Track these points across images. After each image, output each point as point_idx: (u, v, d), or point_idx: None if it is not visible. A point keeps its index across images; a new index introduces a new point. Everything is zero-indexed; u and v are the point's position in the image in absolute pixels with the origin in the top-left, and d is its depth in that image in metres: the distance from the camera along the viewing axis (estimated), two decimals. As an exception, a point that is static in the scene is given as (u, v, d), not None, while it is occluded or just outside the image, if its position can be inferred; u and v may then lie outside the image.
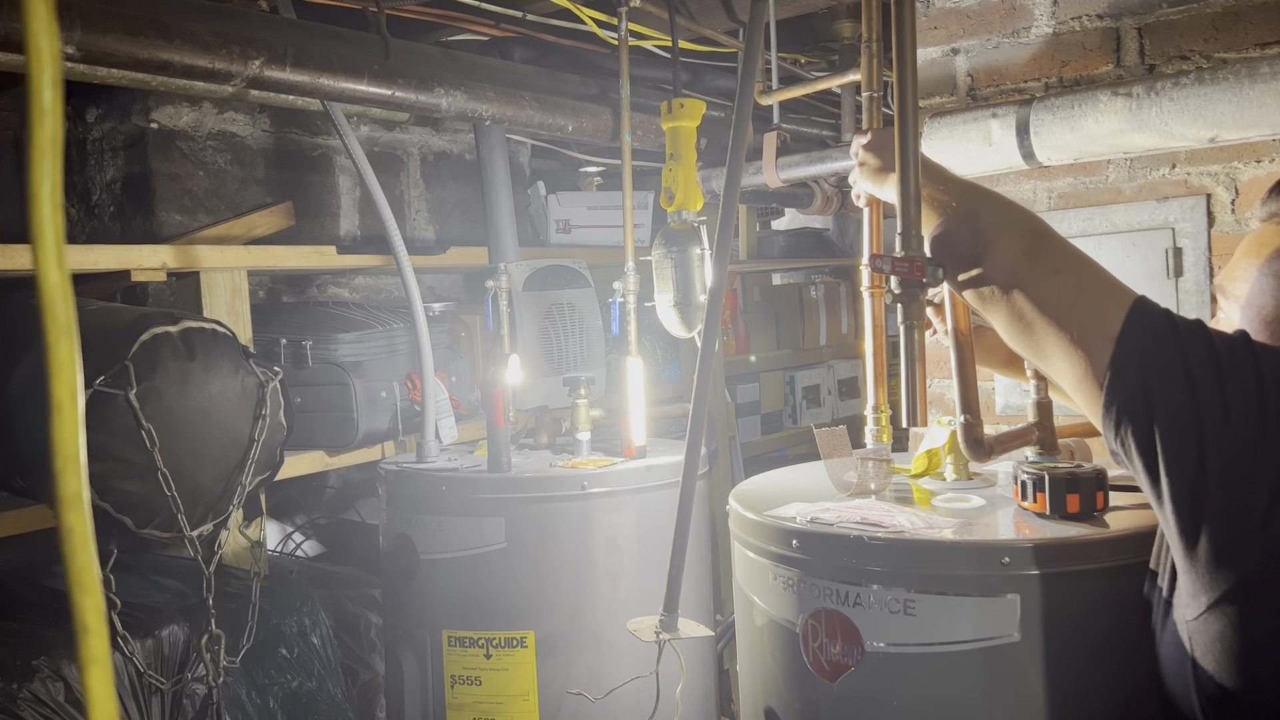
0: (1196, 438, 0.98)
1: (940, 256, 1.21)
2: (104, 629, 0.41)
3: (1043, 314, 1.09)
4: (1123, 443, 1.03)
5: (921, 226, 1.23)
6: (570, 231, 3.07)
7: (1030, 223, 1.18)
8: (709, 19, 2.54)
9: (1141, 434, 1.01)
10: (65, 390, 0.40)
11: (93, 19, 1.54)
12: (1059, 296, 1.10)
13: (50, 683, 1.55)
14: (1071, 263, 1.13)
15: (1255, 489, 0.97)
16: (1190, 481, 0.99)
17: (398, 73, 1.97)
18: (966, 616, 1.25)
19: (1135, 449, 1.02)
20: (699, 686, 2.20)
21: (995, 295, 1.14)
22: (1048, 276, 1.11)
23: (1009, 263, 1.14)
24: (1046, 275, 1.11)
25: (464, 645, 2.04)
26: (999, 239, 1.16)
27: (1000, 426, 1.85)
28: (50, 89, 0.39)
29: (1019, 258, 1.14)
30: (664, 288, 2.00)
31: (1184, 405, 0.99)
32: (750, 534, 1.48)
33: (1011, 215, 1.21)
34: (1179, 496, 0.99)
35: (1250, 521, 0.97)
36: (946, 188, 1.25)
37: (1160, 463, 1.00)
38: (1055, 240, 1.15)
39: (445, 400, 2.39)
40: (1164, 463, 1.00)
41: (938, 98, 2.09)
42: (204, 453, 1.66)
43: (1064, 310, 1.09)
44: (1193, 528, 0.99)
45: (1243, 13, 1.76)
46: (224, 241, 2.32)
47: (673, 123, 2.03)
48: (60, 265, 0.39)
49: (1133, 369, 1.02)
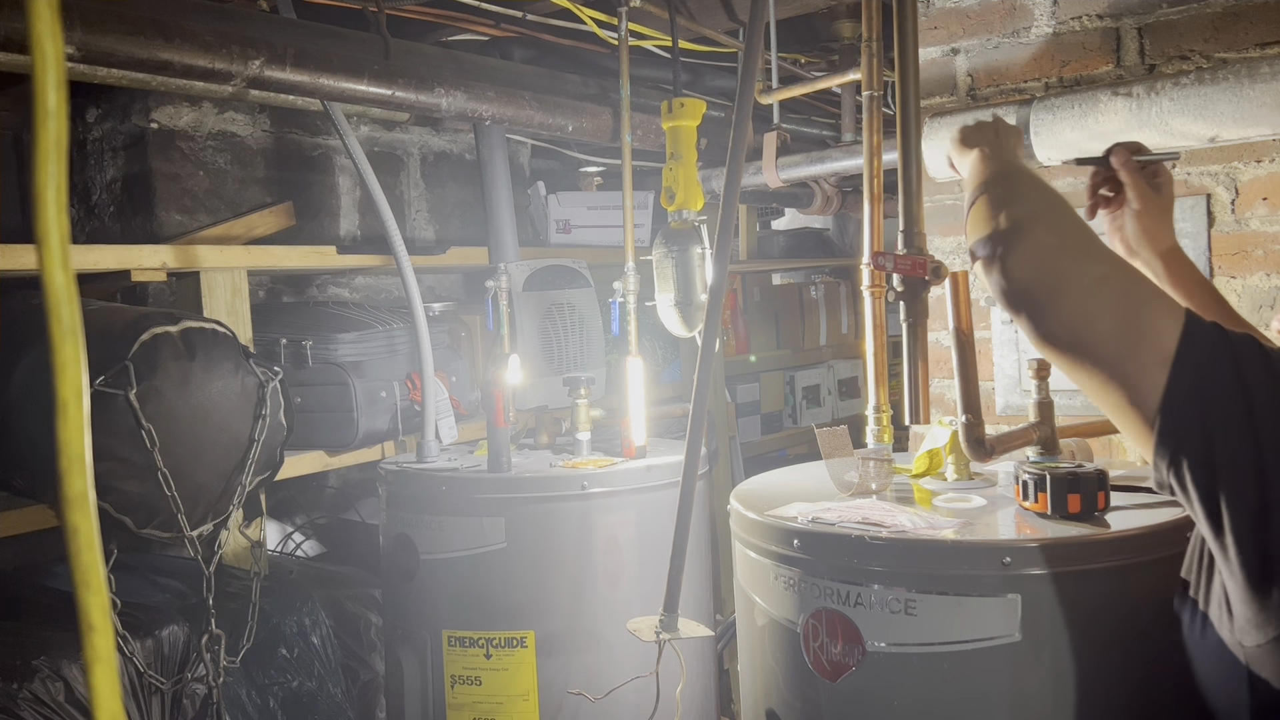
0: (1259, 475, 0.92)
1: (969, 237, 1.11)
2: (109, 628, 0.41)
3: (1083, 325, 0.99)
4: (1178, 478, 0.96)
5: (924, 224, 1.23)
6: (570, 231, 3.07)
7: (1067, 218, 1.07)
8: (709, 19, 2.54)
9: (1200, 471, 0.94)
10: (70, 391, 0.40)
11: (93, 19, 1.54)
12: (1104, 308, 0.98)
13: (50, 683, 1.55)
14: (1116, 269, 1.02)
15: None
16: (1254, 520, 0.92)
17: (398, 73, 1.97)
18: (967, 616, 1.26)
19: (1193, 486, 0.95)
20: (699, 686, 2.20)
21: (1022, 295, 1.03)
22: (1090, 284, 1.00)
23: (1042, 261, 1.03)
24: (1088, 282, 1.00)
25: (464, 645, 2.04)
26: (1031, 230, 1.05)
27: (1001, 426, 1.85)
28: (55, 91, 0.39)
29: (1054, 256, 1.03)
30: (665, 287, 2.00)
31: (1247, 441, 0.92)
32: (751, 534, 1.48)
33: (1048, 202, 1.09)
34: (1242, 536, 0.93)
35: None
36: (992, 150, 1.17)
37: (1222, 502, 0.94)
38: (1095, 242, 1.04)
39: (445, 400, 2.39)
40: (1225, 502, 0.93)
41: (938, 98, 2.09)
42: (204, 453, 1.66)
43: (1111, 325, 0.98)
44: (1259, 566, 0.93)
45: (1243, 13, 1.76)
46: (224, 241, 2.32)
47: (673, 122, 2.03)
48: (65, 267, 0.39)
49: (1190, 399, 0.94)
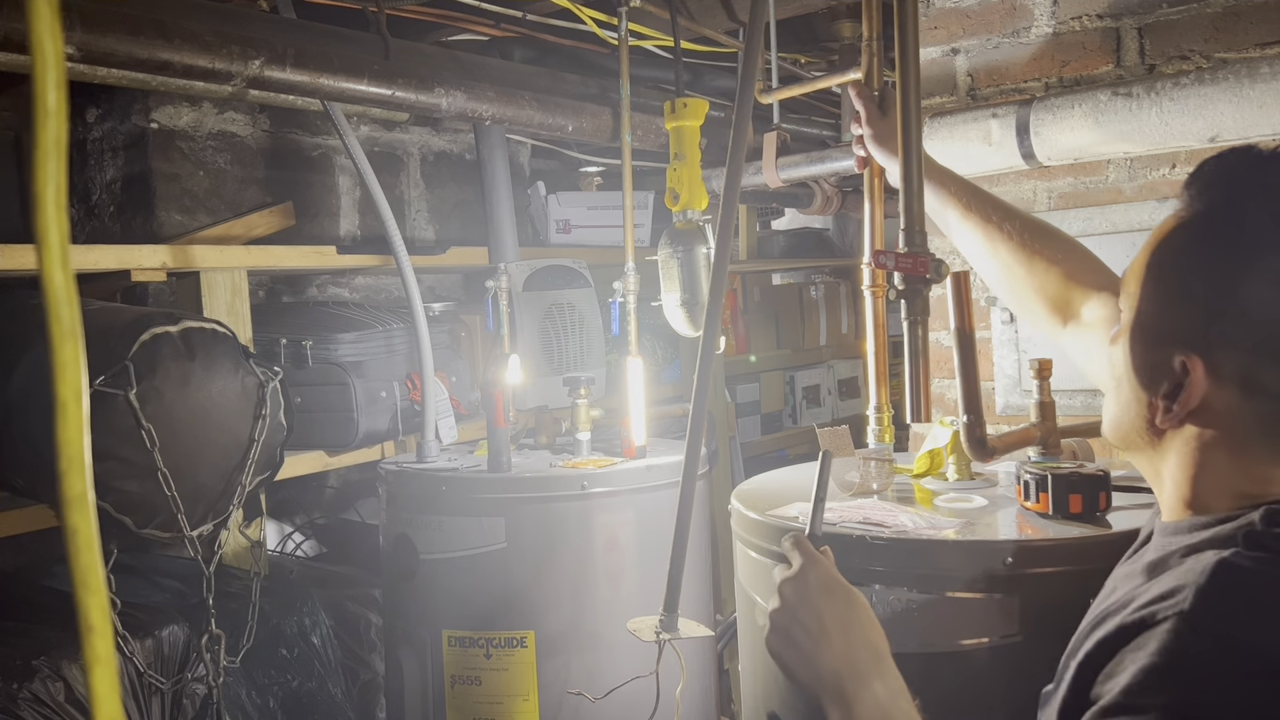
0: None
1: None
2: (109, 629, 0.41)
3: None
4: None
5: (925, 224, 1.22)
6: (570, 231, 3.07)
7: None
8: (709, 19, 2.54)
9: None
10: (70, 391, 0.40)
11: (93, 19, 1.54)
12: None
13: (50, 683, 1.54)
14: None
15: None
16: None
17: (398, 73, 1.97)
18: (968, 617, 1.25)
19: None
20: (699, 686, 2.20)
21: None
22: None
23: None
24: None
25: (464, 645, 2.04)
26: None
27: (1002, 426, 1.85)
28: (55, 91, 0.39)
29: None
30: (670, 287, 2.00)
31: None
32: (752, 533, 1.48)
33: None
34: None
35: None
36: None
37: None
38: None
39: (445, 400, 2.39)
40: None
41: (938, 98, 2.09)
42: (204, 453, 1.66)
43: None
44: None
45: (1243, 13, 1.76)
46: (224, 241, 2.32)
47: (676, 122, 2.02)
48: (65, 267, 0.39)
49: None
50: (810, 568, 1.03)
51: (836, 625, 0.99)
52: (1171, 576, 0.84)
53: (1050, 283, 1.34)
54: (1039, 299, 1.35)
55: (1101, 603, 0.96)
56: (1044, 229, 1.39)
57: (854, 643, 0.98)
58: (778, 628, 1.02)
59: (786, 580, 1.03)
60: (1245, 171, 0.89)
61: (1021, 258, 1.36)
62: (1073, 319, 1.31)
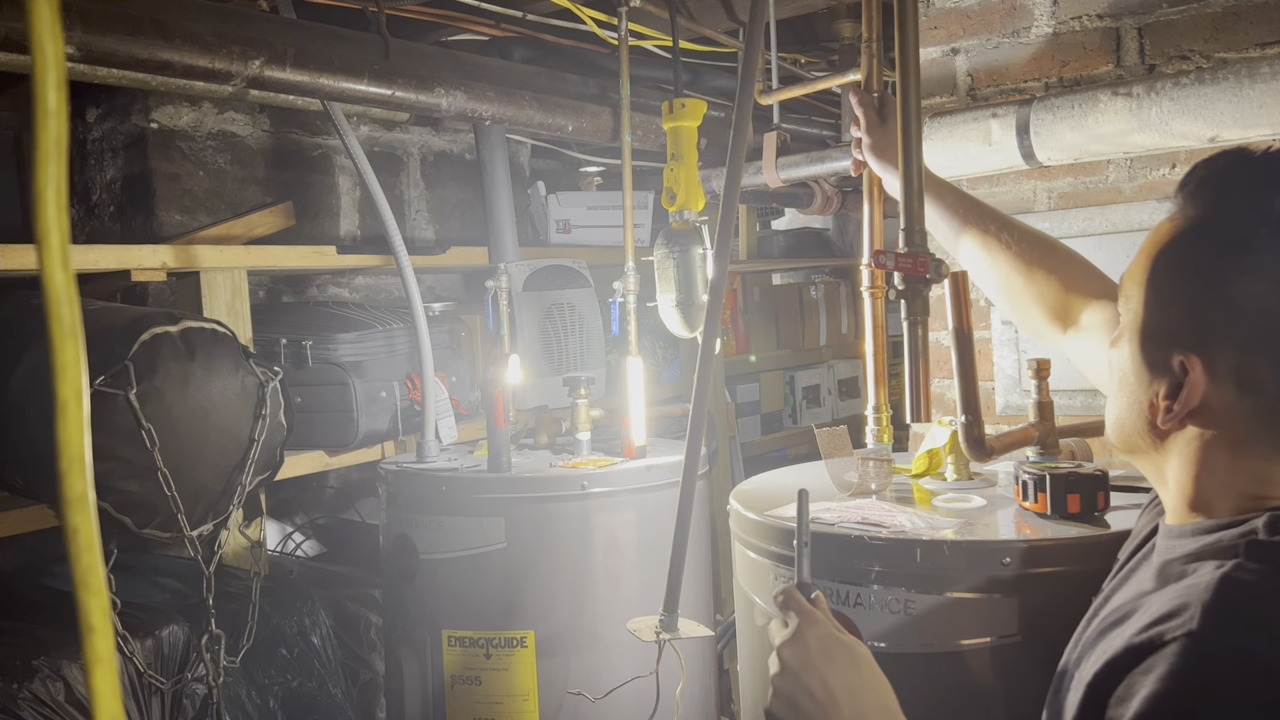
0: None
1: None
2: (109, 629, 0.41)
3: None
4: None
5: (925, 223, 1.22)
6: (570, 231, 3.07)
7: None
8: (709, 19, 2.54)
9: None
10: (70, 391, 0.40)
11: (93, 19, 1.54)
12: None
13: (50, 683, 1.54)
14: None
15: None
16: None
17: (398, 73, 1.97)
18: (967, 617, 1.25)
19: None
20: (699, 686, 2.20)
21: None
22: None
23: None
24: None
25: (464, 645, 2.04)
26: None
27: (1001, 426, 1.85)
28: (55, 91, 0.39)
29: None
30: (666, 288, 2.00)
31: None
32: (751, 534, 1.48)
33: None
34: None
35: None
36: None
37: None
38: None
39: (445, 400, 2.39)
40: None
41: (938, 98, 2.09)
42: (204, 453, 1.66)
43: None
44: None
45: (1243, 13, 1.76)
46: (224, 241, 2.32)
47: (674, 123, 2.02)
48: (65, 267, 0.39)
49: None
50: (808, 628, 1.01)
51: (843, 690, 0.97)
52: (1175, 592, 0.84)
53: (1049, 290, 1.35)
54: (1038, 307, 1.36)
55: (1105, 603, 0.96)
56: (1041, 239, 1.40)
57: (863, 706, 0.97)
58: (781, 694, 1.00)
59: (785, 644, 1.01)
60: (1236, 172, 0.90)
61: (1020, 267, 1.37)
62: (1072, 325, 1.32)
